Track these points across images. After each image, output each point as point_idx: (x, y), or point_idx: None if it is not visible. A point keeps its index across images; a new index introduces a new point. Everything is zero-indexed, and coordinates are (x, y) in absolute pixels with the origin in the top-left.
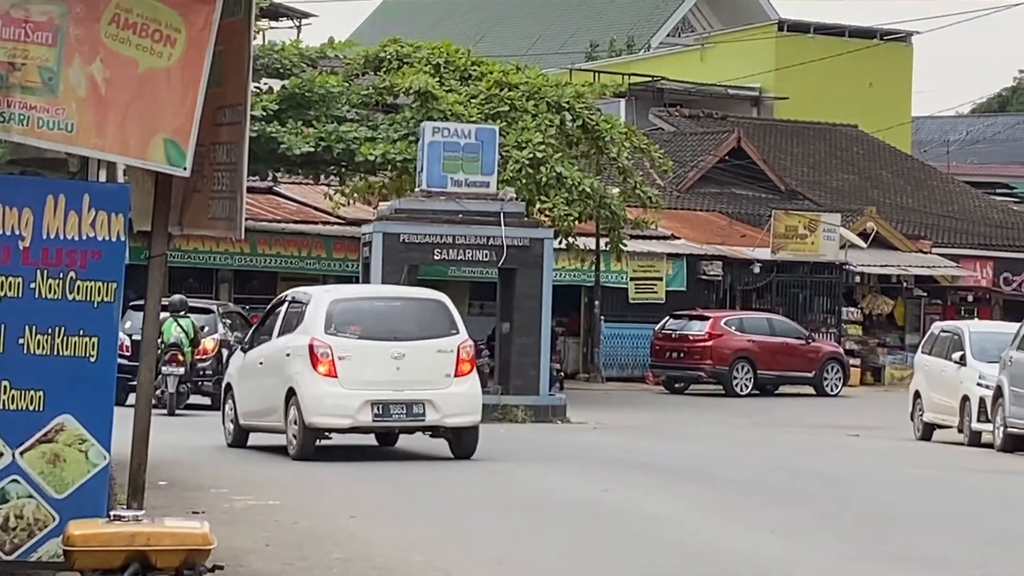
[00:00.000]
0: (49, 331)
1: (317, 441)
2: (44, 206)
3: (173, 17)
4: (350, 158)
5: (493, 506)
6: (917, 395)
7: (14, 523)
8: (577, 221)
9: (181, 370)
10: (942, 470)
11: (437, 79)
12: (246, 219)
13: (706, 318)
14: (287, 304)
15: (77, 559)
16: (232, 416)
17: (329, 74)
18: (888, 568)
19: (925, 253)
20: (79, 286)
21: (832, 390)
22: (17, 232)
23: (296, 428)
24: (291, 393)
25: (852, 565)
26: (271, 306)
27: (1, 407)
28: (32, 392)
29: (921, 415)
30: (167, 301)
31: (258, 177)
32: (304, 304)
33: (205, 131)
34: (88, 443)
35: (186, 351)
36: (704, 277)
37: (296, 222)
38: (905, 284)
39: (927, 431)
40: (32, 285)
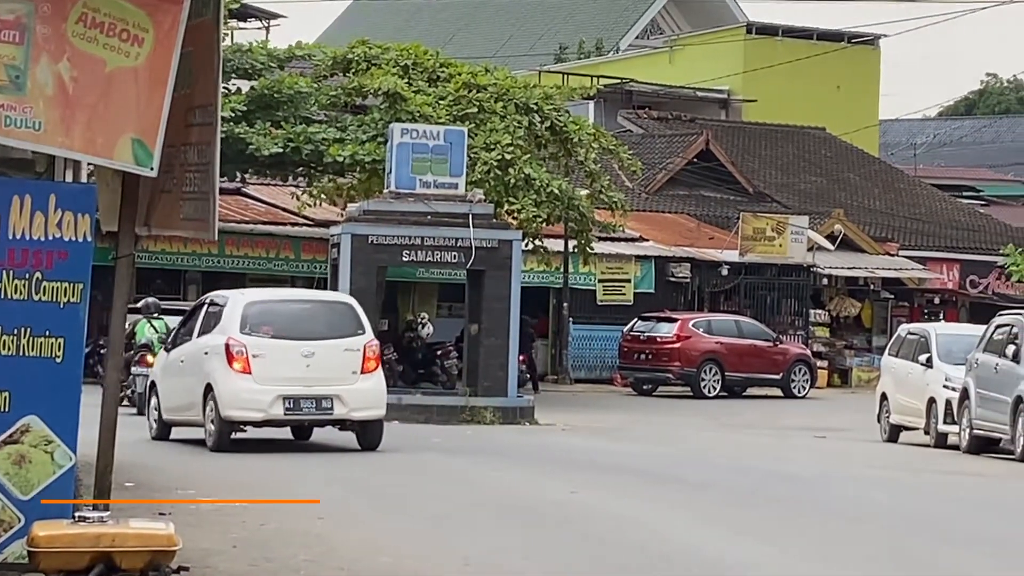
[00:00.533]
0: (15, 332)
1: (233, 434)
2: (10, 206)
3: (141, 17)
4: (318, 159)
5: (460, 507)
6: (884, 397)
7: None
8: (545, 223)
9: (149, 370)
10: (909, 472)
11: (406, 80)
12: None
13: (674, 320)
14: (207, 306)
15: (42, 560)
16: (156, 411)
17: (298, 75)
18: (855, 569)
19: (892, 255)
20: (45, 287)
21: (799, 392)
22: None
23: (213, 421)
24: (209, 389)
25: (819, 566)
26: (192, 308)
27: None
28: None
29: (888, 417)
30: (141, 304)
31: (226, 178)
32: (222, 306)
33: (175, 132)
34: (54, 444)
35: (157, 352)
36: (672, 279)
37: (264, 223)
38: (872, 286)
39: (894, 433)
40: None
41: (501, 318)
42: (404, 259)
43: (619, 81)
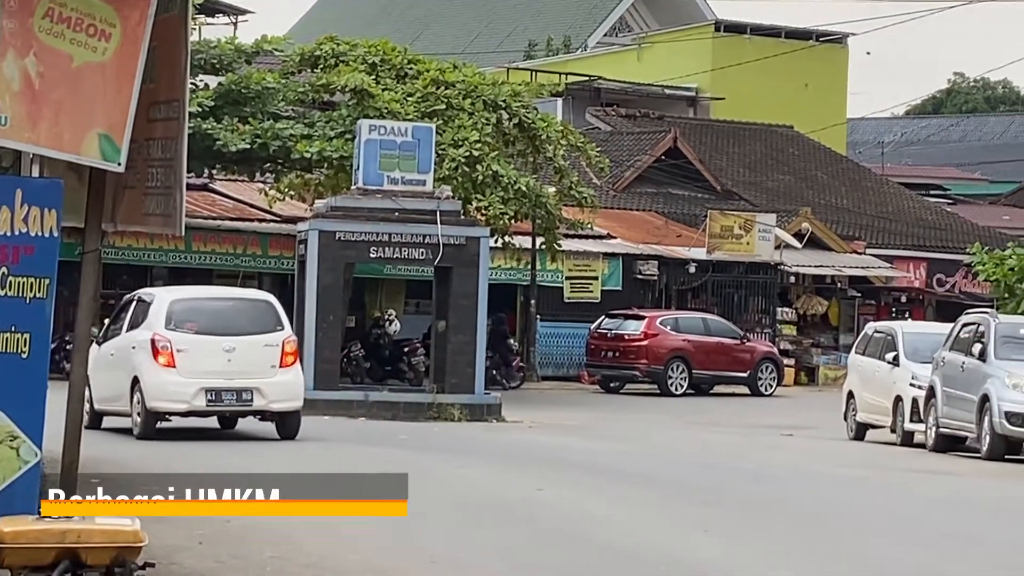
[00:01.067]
0: None
1: (157, 423)
2: None
3: (108, 12)
4: (286, 155)
5: (427, 505)
6: (850, 395)
7: None
8: (513, 220)
9: None
10: (875, 470)
11: (373, 77)
12: None
13: (641, 317)
14: (135, 302)
15: (7, 556)
16: (88, 402)
17: (266, 71)
18: (821, 567)
19: (859, 254)
20: (11, 282)
21: (766, 390)
22: None
23: (139, 413)
24: (136, 381)
25: (786, 564)
26: (122, 304)
27: None
28: None
29: (854, 415)
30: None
31: (194, 174)
32: (149, 303)
33: (138, 127)
34: (19, 440)
35: None
36: (640, 276)
37: (232, 219)
38: (839, 285)
39: (860, 431)
40: None
41: (468, 315)
42: (372, 255)
43: (587, 78)
